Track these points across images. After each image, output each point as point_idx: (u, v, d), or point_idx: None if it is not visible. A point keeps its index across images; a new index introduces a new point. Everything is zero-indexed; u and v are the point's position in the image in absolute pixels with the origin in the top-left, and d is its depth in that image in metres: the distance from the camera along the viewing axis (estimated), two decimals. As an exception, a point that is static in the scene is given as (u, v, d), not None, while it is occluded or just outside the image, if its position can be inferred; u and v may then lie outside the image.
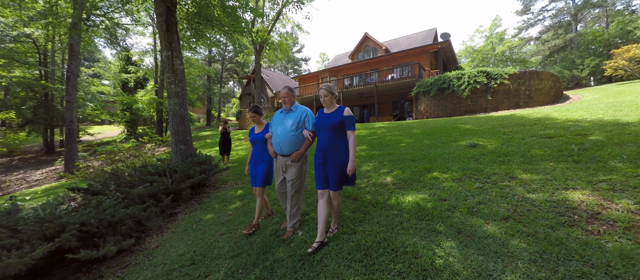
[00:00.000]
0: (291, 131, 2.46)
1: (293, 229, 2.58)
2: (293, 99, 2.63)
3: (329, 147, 2.22)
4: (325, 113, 2.33)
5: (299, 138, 2.48)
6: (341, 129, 2.23)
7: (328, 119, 2.26)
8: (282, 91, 2.57)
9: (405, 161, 4.39)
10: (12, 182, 11.15)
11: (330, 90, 2.29)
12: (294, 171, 2.48)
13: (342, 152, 2.20)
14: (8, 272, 1.97)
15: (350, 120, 2.19)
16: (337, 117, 2.22)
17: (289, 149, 2.46)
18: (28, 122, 17.29)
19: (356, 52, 21.12)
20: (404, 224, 2.43)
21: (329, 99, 2.30)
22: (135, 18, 15.73)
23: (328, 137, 2.24)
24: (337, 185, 2.22)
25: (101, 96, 22.29)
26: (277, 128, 2.55)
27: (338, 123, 2.20)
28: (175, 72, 5.22)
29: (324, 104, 2.33)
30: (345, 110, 2.21)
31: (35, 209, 3.18)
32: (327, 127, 2.24)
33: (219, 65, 33.80)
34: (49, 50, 18.35)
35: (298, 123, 2.49)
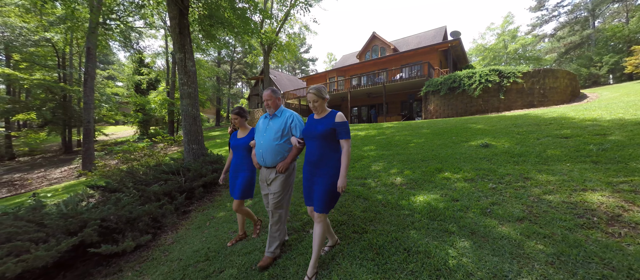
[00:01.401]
0: (275, 139, 2.13)
1: (272, 255, 2.17)
2: (277, 102, 2.27)
3: (318, 158, 1.89)
4: (314, 119, 2.00)
5: (284, 147, 2.14)
6: (332, 138, 1.89)
7: (317, 126, 1.92)
8: (264, 93, 2.22)
9: (415, 161, 4.35)
10: (33, 179, 11.68)
11: (319, 93, 1.93)
12: (277, 184, 2.13)
13: (333, 166, 1.86)
14: (37, 264, 2.09)
15: (343, 128, 1.86)
16: (328, 124, 1.88)
17: (272, 159, 2.13)
18: (48, 122, 18.07)
19: (364, 52, 21.02)
20: (416, 224, 2.42)
21: (319, 104, 1.95)
22: (148, 21, 16.20)
23: (317, 147, 1.91)
24: (323, 206, 1.83)
25: (115, 97, 23.04)
26: (260, 136, 2.22)
27: (329, 131, 1.86)
28: (187, 73, 5.36)
29: (313, 110, 1.99)
30: (338, 116, 1.89)
31: (58, 205, 3.33)
32: (316, 136, 1.91)
33: (228, 67, 34.32)
34: (67, 54, 19.11)
35: (283, 130, 2.15)
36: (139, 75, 21.51)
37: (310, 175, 1.94)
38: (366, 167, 4.51)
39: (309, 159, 1.96)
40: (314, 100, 1.94)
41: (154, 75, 22.21)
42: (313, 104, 1.95)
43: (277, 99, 2.26)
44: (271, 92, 2.22)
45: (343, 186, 1.79)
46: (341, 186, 1.79)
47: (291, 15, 15.77)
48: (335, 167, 1.86)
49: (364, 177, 3.97)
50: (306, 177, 1.98)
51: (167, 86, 20.08)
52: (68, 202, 3.29)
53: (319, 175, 1.88)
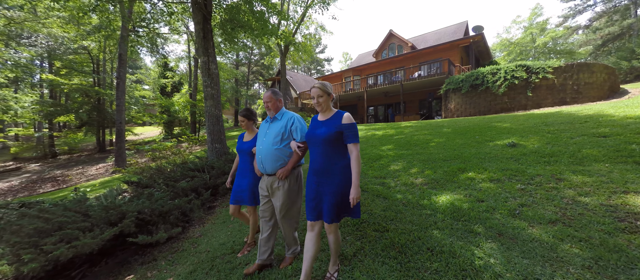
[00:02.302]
0: (274, 144, 1.96)
1: (292, 255, 2.18)
2: (278, 105, 2.10)
3: (323, 166, 1.67)
4: (318, 121, 1.78)
5: (285, 153, 1.97)
6: (338, 142, 1.66)
7: (321, 129, 1.70)
8: (264, 95, 2.08)
9: (436, 161, 4.25)
10: (73, 176, 12.76)
11: (325, 89, 1.72)
12: (281, 194, 1.94)
13: (340, 172, 1.63)
14: (85, 250, 2.32)
15: (351, 130, 1.62)
16: (333, 127, 1.66)
17: (272, 166, 1.96)
18: (84, 123, 19.63)
19: (380, 50, 20.72)
20: (439, 224, 2.39)
21: (324, 101, 1.73)
22: (173, 27, 17.08)
23: (321, 153, 1.68)
24: (334, 216, 1.63)
25: (143, 100, 24.50)
26: (260, 141, 2.07)
27: (334, 134, 1.64)
28: (211, 75, 5.61)
29: (317, 108, 1.77)
30: (345, 117, 1.66)
31: (99, 198, 3.65)
32: (319, 140, 1.68)
33: (246, 69, 35.26)
34: (101, 60, 20.62)
35: (283, 134, 1.98)
36: (164, 79, 22.73)
37: (316, 185, 1.69)
38: (385, 166, 4.48)
39: (312, 167, 1.73)
40: (318, 96, 1.73)
41: (177, 78, 23.37)
42: (317, 99, 1.74)
43: (277, 101, 2.09)
44: (271, 93, 2.08)
45: (357, 197, 1.56)
46: (355, 197, 1.55)
47: (307, 15, 15.91)
48: (344, 175, 1.63)
49: (383, 177, 3.95)
50: (311, 187, 1.73)
51: (190, 88, 21.04)
52: (107, 195, 3.59)
53: (327, 185, 1.65)
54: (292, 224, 2.08)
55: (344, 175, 1.64)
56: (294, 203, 2.02)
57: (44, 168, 15.43)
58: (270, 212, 2.09)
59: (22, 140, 21.67)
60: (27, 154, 19.23)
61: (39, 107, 18.44)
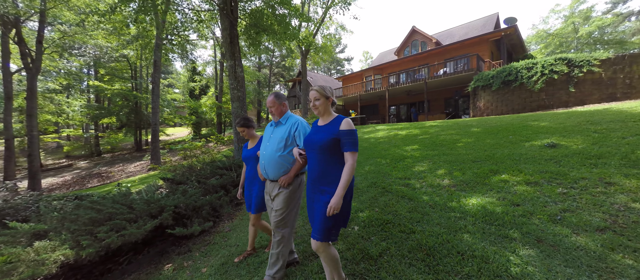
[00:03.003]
0: (277, 150, 1.88)
1: (271, 279, 1.91)
2: (282, 109, 2.00)
3: (319, 175, 1.56)
4: (317, 126, 1.68)
5: (288, 159, 1.88)
6: (336, 150, 1.53)
7: (318, 135, 1.59)
8: (267, 99, 2.00)
9: (464, 162, 4.07)
10: (115, 172, 14.03)
11: (322, 91, 1.62)
12: (280, 200, 1.87)
13: (336, 183, 1.49)
14: (131, 239, 2.57)
15: (349, 137, 1.48)
16: (330, 133, 1.54)
17: (274, 173, 1.89)
18: (124, 125, 21.50)
19: (403, 48, 20.15)
20: (469, 228, 2.29)
21: (321, 105, 1.62)
22: (201, 34, 18.09)
23: (317, 161, 1.57)
24: (322, 233, 1.48)
25: (174, 102, 26.23)
26: (264, 146, 2.01)
27: (330, 141, 1.52)
28: (237, 78, 5.87)
29: (314, 111, 1.67)
30: (344, 123, 1.53)
31: (140, 193, 3.99)
32: (316, 147, 1.58)
33: (267, 71, 36.25)
34: (138, 67, 22.42)
35: (286, 139, 1.89)
36: (192, 82, 24.14)
37: (312, 193, 1.61)
38: (409, 167, 4.37)
39: (309, 175, 1.64)
40: (315, 98, 1.62)
41: (204, 82, 24.71)
42: (314, 102, 1.63)
43: (281, 105, 1.99)
44: (274, 97, 1.98)
45: (336, 207, 1.39)
46: (333, 207, 1.39)
47: (328, 15, 15.96)
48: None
49: (407, 178, 3.86)
50: (308, 196, 1.66)
51: (216, 91, 22.12)
52: (147, 190, 3.92)
53: (320, 194, 1.53)
54: (285, 234, 1.91)
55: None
56: (291, 211, 1.91)
57: (91, 165, 17.16)
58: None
59: (72, 140, 24.27)
60: (76, 152, 21.51)
61: (87, 110, 20.53)
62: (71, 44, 16.37)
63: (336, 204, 1.39)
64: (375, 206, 3.06)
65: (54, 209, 3.29)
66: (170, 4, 7.98)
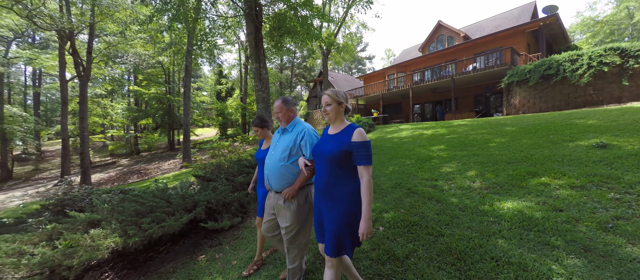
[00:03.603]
0: (281, 160, 1.74)
1: None
2: (289, 114, 1.85)
3: (326, 188, 1.43)
4: (327, 135, 1.54)
5: (292, 170, 1.73)
6: (346, 163, 1.39)
7: (327, 145, 1.46)
8: (275, 103, 1.86)
9: (498, 163, 3.82)
10: (151, 169, 15.24)
11: (335, 96, 1.48)
12: (288, 216, 1.71)
13: (345, 198, 1.37)
14: (169, 231, 2.80)
15: (362, 150, 1.33)
16: (341, 144, 1.40)
17: (278, 184, 1.75)
18: (159, 126, 23.23)
19: (428, 44, 19.36)
20: (504, 233, 2.16)
21: (333, 110, 1.48)
22: (227, 39, 18.98)
23: (325, 173, 1.44)
24: (334, 248, 1.36)
25: (202, 104, 27.80)
26: (269, 153, 1.89)
27: (341, 153, 1.38)
28: (262, 80, 6.08)
29: (325, 117, 1.53)
30: (356, 133, 1.37)
31: (175, 188, 4.31)
32: (324, 158, 1.44)
33: (289, 72, 36.93)
34: (171, 72, 24.11)
35: (291, 148, 1.74)
36: (219, 85, 25.39)
37: (319, 205, 1.50)
38: (436, 168, 4.21)
39: (316, 186, 1.52)
40: (326, 103, 1.49)
41: (230, 84, 25.87)
42: (325, 107, 1.50)
43: (288, 110, 1.84)
44: (281, 102, 1.84)
45: (368, 233, 1.28)
46: (365, 233, 1.28)
47: (349, 14, 15.84)
48: (349, 201, 1.36)
49: (434, 179, 3.73)
50: (315, 206, 1.55)
51: (240, 93, 23.04)
52: (182, 186, 4.22)
53: (328, 209, 1.42)
54: (301, 249, 1.79)
55: (350, 202, 1.36)
56: (304, 226, 1.76)
57: (131, 162, 18.80)
58: (273, 227, 1.92)
59: (116, 140, 26.78)
60: (119, 151, 23.69)
61: (128, 113, 22.52)
62: (115, 53, 18.09)
63: (366, 229, 1.28)
64: (401, 207, 3.00)
65: (104, 201, 3.68)
66: (200, 13, 8.49)
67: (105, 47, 16.16)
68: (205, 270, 2.57)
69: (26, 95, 28.64)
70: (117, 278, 2.67)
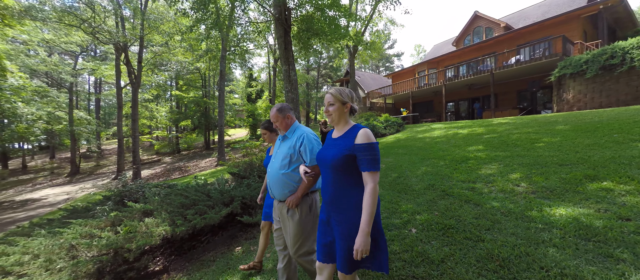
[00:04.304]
0: (281, 168, 1.68)
1: None
2: (286, 121, 1.77)
3: (332, 198, 1.30)
4: (332, 138, 1.41)
5: (293, 178, 1.66)
6: (351, 169, 1.26)
7: (330, 150, 1.33)
8: (271, 112, 1.80)
9: (547, 165, 3.46)
10: (190, 167, 16.56)
11: (338, 95, 1.34)
12: (292, 226, 1.64)
13: (354, 208, 1.23)
14: (210, 222, 3.05)
15: (367, 153, 1.19)
16: (343, 148, 1.26)
17: (279, 193, 1.69)
18: (196, 127, 25.12)
19: (462, 37, 18.13)
20: (555, 241, 1.97)
21: (335, 111, 1.34)
22: (257, 43, 19.85)
23: (330, 181, 1.31)
24: (349, 265, 1.22)
25: (234, 106, 29.41)
26: (271, 162, 1.83)
27: (343, 158, 1.24)
28: (291, 82, 6.27)
29: (327, 118, 1.40)
30: (360, 134, 1.23)
31: (214, 184, 4.64)
32: (327, 164, 1.32)
33: (315, 73, 37.33)
34: (207, 77, 25.93)
35: (291, 156, 1.67)
36: (249, 88, 26.65)
37: (327, 218, 1.36)
38: (473, 169, 3.95)
39: (323, 197, 1.38)
40: (328, 103, 1.36)
41: (259, 87, 26.99)
42: (327, 107, 1.36)
43: (284, 118, 1.76)
44: (277, 110, 1.76)
45: (364, 250, 1.12)
46: (360, 249, 1.12)
47: (377, 11, 15.51)
48: (358, 209, 1.19)
49: (472, 181, 3.50)
50: (321, 217, 1.41)
51: (269, 94, 23.91)
52: (219, 182, 4.54)
53: (337, 222, 1.28)
54: (311, 259, 1.68)
55: (358, 209, 1.19)
56: (309, 236, 1.66)
57: (174, 160, 20.63)
58: (282, 240, 1.87)
59: (160, 140, 29.60)
60: (163, 150, 26.14)
61: (170, 115, 24.75)
62: (160, 61, 20.01)
63: (362, 246, 1.12)
64: (434, 209, 2.88)
65: (154, 194, 4.12)
66: (233, 21, 9.03)
67: (152, 56, 17.97)
68: (241, 260, 2.74)
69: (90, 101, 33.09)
70: (166, 262, 2.98)
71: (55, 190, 15.47)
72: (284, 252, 1.89)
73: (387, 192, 3.71)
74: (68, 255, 2.73)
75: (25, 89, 14.07)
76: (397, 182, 4.09)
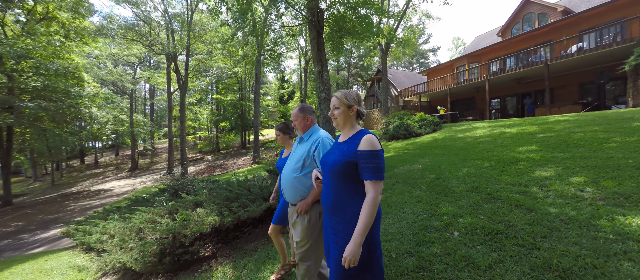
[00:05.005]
0: (294, 171, 1.65)
1: None
2: (305, 122, 1.73)
3: (331, 205, 1.25)
4: (337, 142, 1.36)
5: (305, 183, 1.63)
6: (352, 176, 1.19)
7: (332, 155, 1.29)
8: (292, 111, 1.78)
9: (621, 168, 3.00)
10: (229, 165, 17.80)
11: (344, 99, 1.28)
12: (299, 231, 1.62)
13: (351, 217, 1.17)
14: (252, 215, 3.28)
15: (369, 160, 1.12)
16: (345, 154, 1.20)
17: (291, 196, 1.67)
18: (233, 128, 26.87)
19: (510, 26, 16.43)
20: (632, 255, 1.72)
21: (341, 115, 1.29)
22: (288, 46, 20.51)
23: (330, 187, 1.27)
24: (340, 276, 1.18)
25: (268, 108, 30.77)
26: (286, 164, 1.80)
27: (344, 165, 1.19)
28: (324, 82, 6.38)
29: (333, 122, 1.36)
30: (364, 141, 1.16)
31: (252, 180, 4.96)
32: (328, 170, 1.28)
33: (345, 72, 37.16)
34: (243, 80, 27.58)
35: (304, 160, 1.63)
36: (281, 90, 27.65)
37: (327, 224, 1.32)
38: (524, 172, 3.59)
39: (322, 203, 1.34)
40: (334, 107, 1.31)
41: (291, 88, 27.83)
42: (332, 111, 1.32)
43: (304, 118, 1.73)
44: (298, 110, 1.74)
45: (352, 260, 1.06)
46: (349, 258, 1.06)
47: (410, 5, 14.87)
48: (356, 220, 1.13)
49: (523, 184, 3.20)
50: (324, 223, 1.38)
51: (301, 96, 24.50)
52: (257, 178, 4.83)
53: (334, 231, 1.24)
54: (310, 269, 1.62)
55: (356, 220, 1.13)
56: (314, 244, 1.62)
57: (214, 158, 22.37)
58: None
59: (202, 139, 32.32)
60: (205, 149, 28.51)
61: (211, 117, 26.88)
62: (203, 68, 21.86)
63: (352, 255, 1.05)
64: (479, 213, 2.70)
65: (202, 187, 4.56)
66: (268, 26, 9.50)
67: (196, 63, 19.73)
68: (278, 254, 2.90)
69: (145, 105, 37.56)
70: (214, 249, 3.29)
71: (120, 182, 17.94)
72: None
73: (424, 194, 3.58)
74: (137, 237, 3.18)
75: (98, 96, 16.56)
76: (435, 183, 3.91)
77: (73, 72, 13.06)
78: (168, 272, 2.97)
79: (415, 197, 3.59)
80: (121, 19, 16.64)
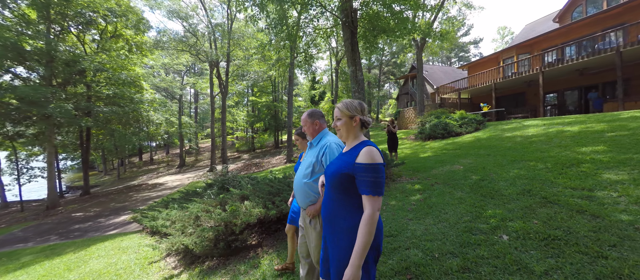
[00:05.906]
0: (304, 177, 1.66)
1: None
2: (314, 127, 1.72)
3: (329, 214, 1.22)
4: (341, 152, 1.32)
5: (315, 188, 1.62)
6: (349, 189, 1.15)
7: (333, 164, 1.26)
8: (302, 117, 1.77)
9: None
10: (264, 163, 18.76)
11: (346, 110, 1.25)
12: (313, 236, 1.61)
13: (348, 233, 1.12)
14: (290, 211, 3.50)
15: (366, 175, 1.07)
16: (343, 165, 1.17)
17: (302, 201, 1.68)
18: (267, 128, 28.19)
19: (570, 9, 14.44)
20: None
21: (343, 126, 1.26)
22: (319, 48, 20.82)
23: (328, 198, 1.24)
24: None
25: (299, 108, 31.58)
26: (299, 169, 1.80)
27: (341, 176, 1.15)
28: (357, 82, 6.41)
29: (338, 134, 1.33)
30: (363, 153, 1.10)
31: (291, 177, 5.23)
32: (327, 179, 1.26)
33: (377, 71, 36.32)
34: (276, 83, 28.77)
35: (314, 165, 1.62)
36: (312, 91, 28.16)
37: (325, 233, 1.28)
38: (589, 175, 3.22)
39: (322, 213, 1.30)
40: (336, 118, 1.29)
41: (322, 89, 28.18)
42: (335, 122, 1.30)
43: (313, 124, 1.72)
44: (307, 115, 1.74)
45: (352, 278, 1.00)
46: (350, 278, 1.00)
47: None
48: (352, 235, 1.09)
49: (587, 188, 2.88)
50: (323, 233, 1.33)
51: (331, 96, 24.68)
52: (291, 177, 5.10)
53: (331, 243, 1.20)
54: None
55: (352, 235, 1.08)
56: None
57: (250, 157, 23.76)
58: (305, 248, 1.81)
59: (240, 139, 34.52)
60: (242, 148, 30.41)
61: (247, 118, 28.57)
62: (241, 72, 23.39)
63: (352, 277, 1.00)
64: (532, 217, 2.53)
65: (247, 183, 4.97)
66: (301, 29, 9.82)
67: (235, 69, 21.18)
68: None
69: (190, 109, 41.41)
70: (259, 238, 3.60)
71: (171, 177, 20.13)
72: (306, 260, 1.84)
73: (468, 195, 3.43)
74: (195, 224, 3.63)
75: (155, 101, 18.82)
76: (479, 185, 3.70)
77: (135, 80, 15.09)
78: (221, 256, 3.33)
79: (457, 198, 3.46)
80: (172, 32, 18.71)
